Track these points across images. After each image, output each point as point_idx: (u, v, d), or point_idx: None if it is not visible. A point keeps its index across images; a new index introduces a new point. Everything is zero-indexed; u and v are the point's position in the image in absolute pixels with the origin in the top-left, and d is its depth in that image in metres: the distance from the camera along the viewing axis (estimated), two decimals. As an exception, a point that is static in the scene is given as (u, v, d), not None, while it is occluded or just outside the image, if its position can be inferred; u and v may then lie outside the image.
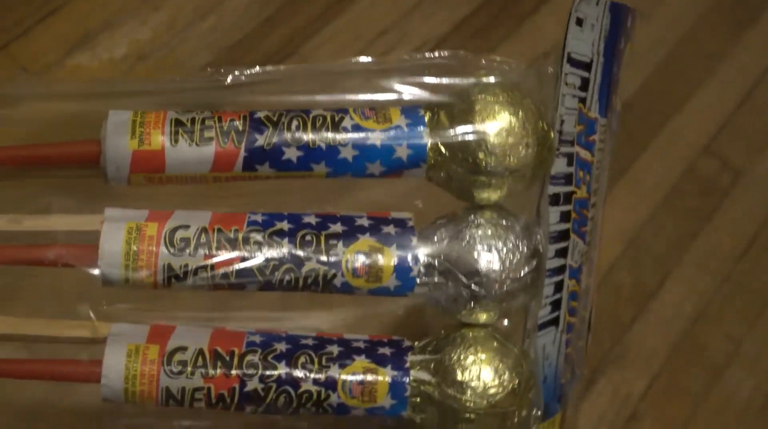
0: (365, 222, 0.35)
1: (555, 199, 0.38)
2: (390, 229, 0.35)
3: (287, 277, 0.34)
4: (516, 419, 0.36)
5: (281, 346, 0.35)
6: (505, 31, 0.65)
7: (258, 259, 0.34)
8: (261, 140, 0.34)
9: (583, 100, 0.39)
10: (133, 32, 0.60)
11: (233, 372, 0.34)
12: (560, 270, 0.39)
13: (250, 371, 0.34)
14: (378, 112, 0.36)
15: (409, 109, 0.36)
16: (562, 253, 0.39)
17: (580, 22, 0.38)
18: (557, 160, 0.38)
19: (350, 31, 0.62)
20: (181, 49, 0.60)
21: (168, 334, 0.35)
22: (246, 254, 0.34)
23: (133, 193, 0.37)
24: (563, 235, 0.39)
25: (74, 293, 0.36)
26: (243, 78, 0.37)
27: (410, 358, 0.35)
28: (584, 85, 0.39)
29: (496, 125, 0.35)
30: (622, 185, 0.61)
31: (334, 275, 0.34)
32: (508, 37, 0.64)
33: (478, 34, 0.64)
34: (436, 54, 0.38)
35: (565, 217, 0.38)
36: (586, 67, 0.39)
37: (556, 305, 0.39)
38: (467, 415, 0.35)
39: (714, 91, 0.65)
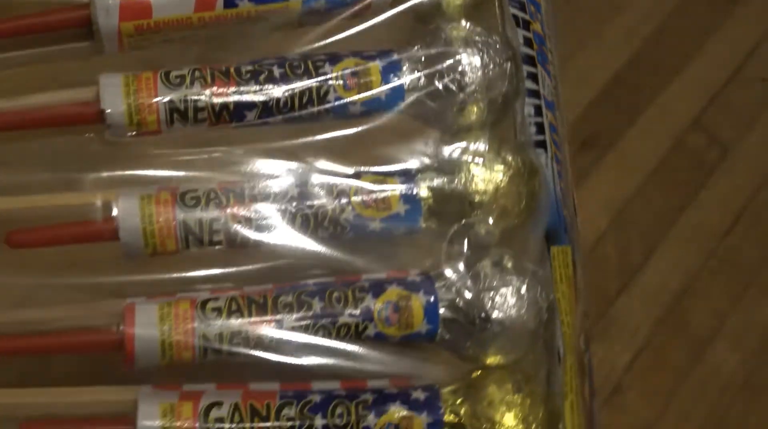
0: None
1: (515, 21, 0.40)
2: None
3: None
4: None
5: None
6: None
7: None
8: None
9: None
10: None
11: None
12: (535, 94, 0.40)
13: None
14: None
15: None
16: (533, 77, 0.41)
17: None
18: None
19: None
20: None
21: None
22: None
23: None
24: (530, 60, 0.41)
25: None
26: None
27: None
28: None
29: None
30: (610, 158, 0.61)
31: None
32: None
33: None
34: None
35: (527, 42, 0.41)
36: None
37: (539, 127, 0.40)
38: None
39: (704, 65, 0.65)
